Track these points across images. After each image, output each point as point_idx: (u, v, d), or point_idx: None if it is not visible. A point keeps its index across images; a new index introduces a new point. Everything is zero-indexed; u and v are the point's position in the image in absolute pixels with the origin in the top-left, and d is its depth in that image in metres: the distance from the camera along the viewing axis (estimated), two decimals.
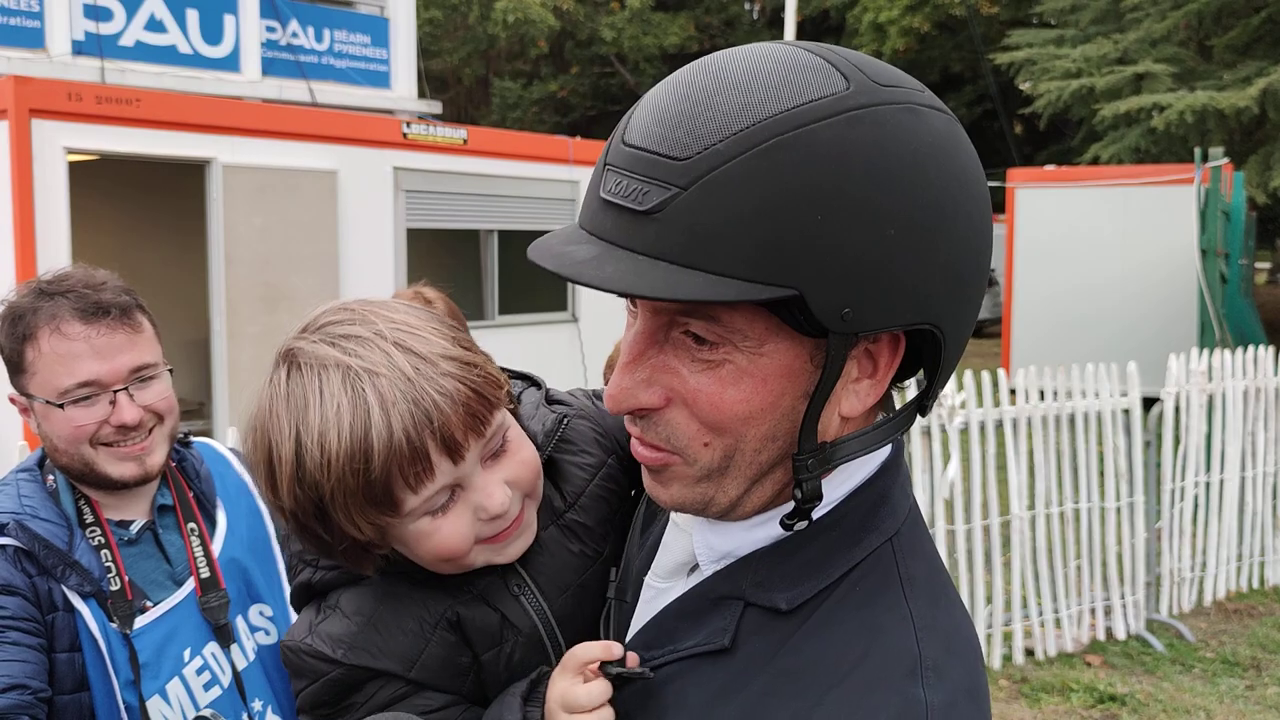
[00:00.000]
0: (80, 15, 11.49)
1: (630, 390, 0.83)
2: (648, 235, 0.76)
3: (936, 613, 0.85)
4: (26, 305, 1.58)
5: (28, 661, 1.44)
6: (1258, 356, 6.29)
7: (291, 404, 0.92)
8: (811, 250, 0.74)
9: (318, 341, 0.94)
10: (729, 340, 0.80)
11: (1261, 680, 5.17)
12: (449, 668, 1.00)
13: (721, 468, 0.84)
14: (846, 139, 0.74)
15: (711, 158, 0.74)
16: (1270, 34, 16.89)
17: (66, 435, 1.58)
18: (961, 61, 26.65)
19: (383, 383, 0.90)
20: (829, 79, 0.77)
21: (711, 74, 0.78)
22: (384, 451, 0.89)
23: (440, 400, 0.91)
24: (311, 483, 0.91)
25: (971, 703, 0.82)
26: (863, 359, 0.83)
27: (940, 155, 0.78)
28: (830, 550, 0.86)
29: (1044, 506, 5.40)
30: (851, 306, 0.76)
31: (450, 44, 29.35)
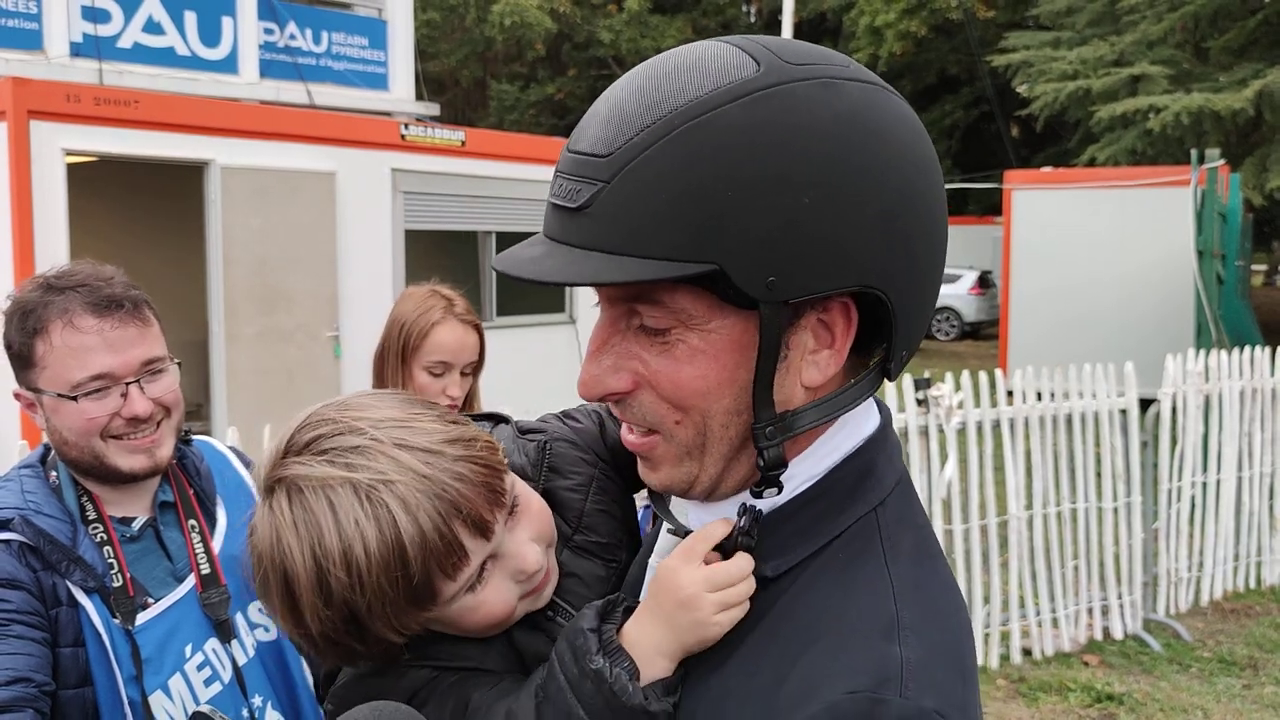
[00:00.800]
0: (78, 17, 11.49)
1: (598, 377, 0.88)
2: (582, 230, 0.83)
3: (919, 578, 0.88)
4: (36, 300, 1.59)
5: (32, 655, 1.44)
6: (1254, 357, 6.30)
7: (302, 530, 0.90)
8: (726, 225, 0.78)
9: (311, 462, 0.91)
10: (679, 321, 0.84)
11: (1258, 679, 5.18)
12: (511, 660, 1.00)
13: (699, 444, 0.88)
14: (754, 116, 0.79)
15: (629, 150, 0.80)
16: (1266, 36, 16.93)
17: (78, 428, 1.58)
18: (958, 64, 26.69)
19: (400, 489, 0.90)
20: (740, 64, 0.81)
21: (637, 75, 0.85)
22: (419, 552, 0.89)
23: (461, 487, 0.92)
24: (341, 602, 0.90)
25: (948, 661, 0.83)
26: (818, 329, 0.86)
27: (858, 122, 0.81)
28: (816, 520, 0.89)
29: (1041, 506, 5.41)
30: (776, 275, 0.80)
31: (448, 46, 29.36)
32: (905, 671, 0.79)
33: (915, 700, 0.78)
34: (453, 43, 29.42)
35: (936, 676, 0.81)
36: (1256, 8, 16.87)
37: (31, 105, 6.79)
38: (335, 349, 8.39)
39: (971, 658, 0.87)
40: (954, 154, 27.88)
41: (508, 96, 30.24)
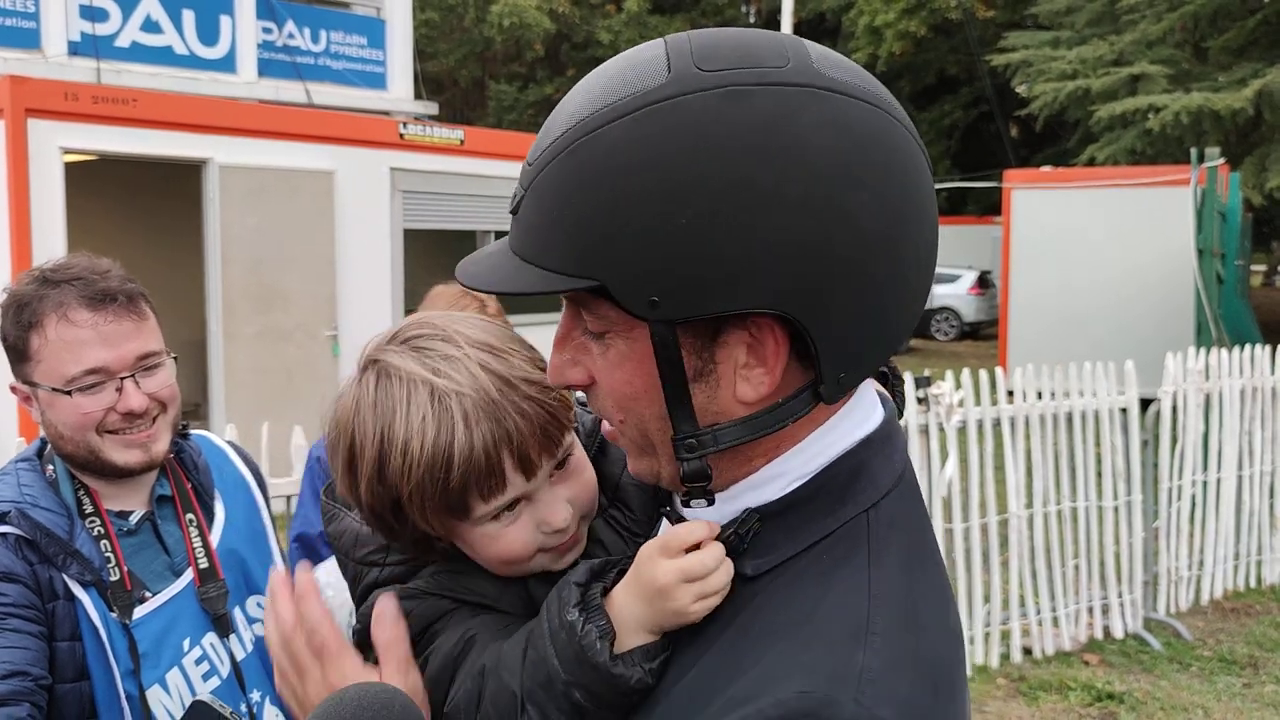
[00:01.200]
0: (76, 16, 11.48)
1: (559, 368, 0.91)
2: (513, 234, 0.86)
3: (904, 584, 0.85)
4: (31, 293, 1.57)
5: (28, 649, 1.44)
6: (1254, 356, 6.30)
7: (379, 410, 0.99)
8: (605, 243, 0.79)
9: (405, 354, 1.00)
10: (609, 326, 0.85)
11: (1259, 678, 5.18)
12: (528, 605, 1.03)
13: (647, 444, 0.89)
14: (639, 133, 0.78)
15: (540, 161, 0.83)
16: (1266, 36, 16.94)
17: (73, 423, 1.57)
18: (958, 64, 26.70)
19: (468, 402, 0.97)
20: (652, 74, 0.79)
21: (583, 81, 0.86)
22: (463, 464, 0.96)
23: (520, 421, 0.98)
24: (391, 483, 0.98)
25: (916, 671, 0.79)
26: (752, 345, 0.83)
27: (755, 138, 0.76)
28: (805, 520, 0.87)
29: (1042, 505, 5.41)
30: (658, 294, 0.79)
31: (446, 46, 29.36)
32: (864, 677, 0.76)
33: (869, 708, 0.75)
34: (451, 43, 29.42)
35: (899, 686, 0.77)
36: (1256, 7, 16.88)
37: (29, 104, 6.78)
38: (334, 348, 8.38)
39: (953, 670, 0.83)
40: (953, 154, 27.89)
41: (506, 97, 30.24)
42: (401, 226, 9.01)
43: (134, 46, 12.00)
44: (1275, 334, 11.02)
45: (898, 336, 0.88)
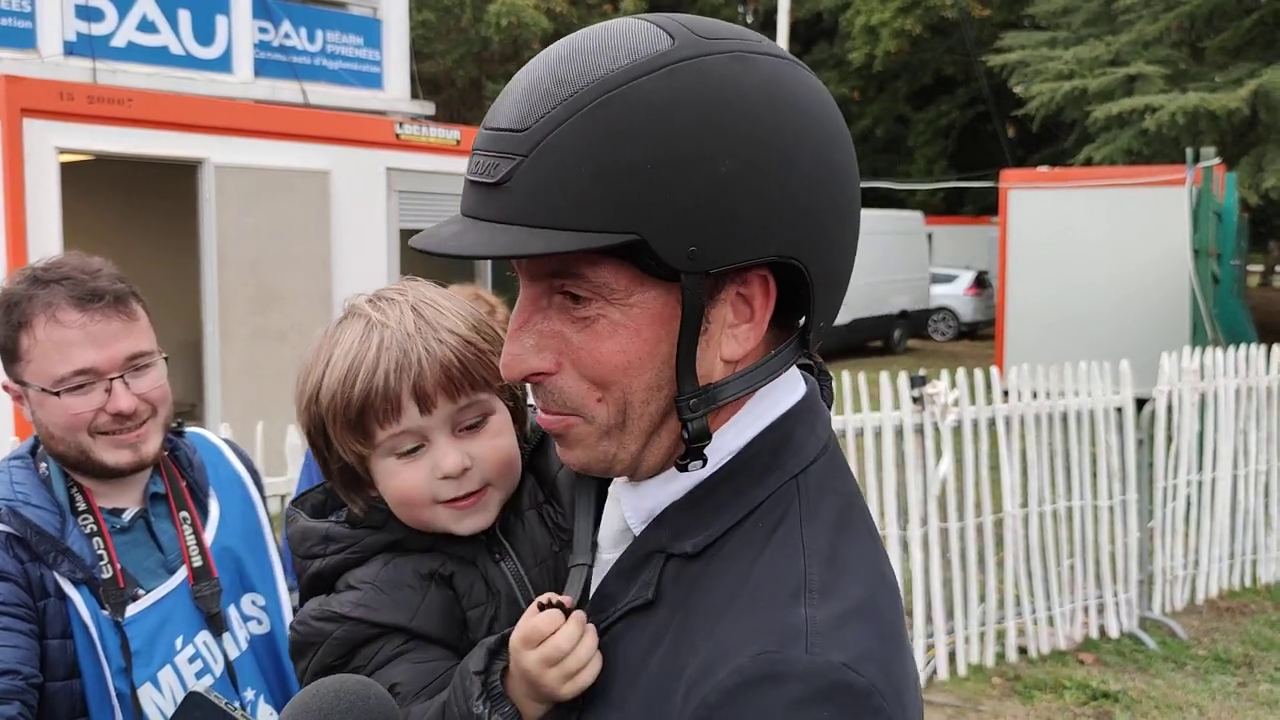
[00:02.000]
0: (72, 16, 11.47)
1: (520, 356, 0.89)
2: (500, 204, 0.83)
3: (836, 542, 0.87)
4: (21, 292, 1.56)
5: (19, 647, 1.43)
6: (1249, 355, 6.30)
7: (328, 342, 1.12)
8: (646, 195, 0.79)
9: (366, 301, 1.13)
10: (600, 295, 0.85)
11: (1254, 677, 5.19)
12: (447, 619, 1.08)
13: (619, 423, 0.89)
14: (668, 88, 0.80)
15: (546, 124, 0.81)
16: (1262, 36, 16.96)
17: (63, 424, 1.56)
18: (954, 64, 26.71)
19: (387, 333, 1.08)
20: (654, 39, 0.83)
21: (551, 52, 0.86)
22: (365, 384, 1.07)
23: (425, 356, 1.07)
24: (320, 405, 1.10)
25: (861, 619, 0.82)
26: (737, 303, 0.87)
27: (769, 95, 0.83)
28: (735, 494, 0.90)
29: (1037, 505, 5.41)
30: (696, 244, 0.81)
31: (443, 46, 29.33)
32: (810, 630, 0.79)
33: (822, 655, 0.78)
34: (448, 43, 29.40)
35: (847, 635, 0.80)
36: (1252, 7, 16.90)
37: (25, 103, 6.77)
38: None
39: (893, 616, 0.86)
40: (950, 154, 27.89)
41: None
42: (398, 226, 8.99)
43: (130, 46, 11.99)
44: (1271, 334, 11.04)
45: (847, 286, 0.94)
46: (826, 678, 0.77)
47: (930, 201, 27.00)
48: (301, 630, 1.09)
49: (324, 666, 1.07)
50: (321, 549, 1.13)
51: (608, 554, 0.99)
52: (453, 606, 1.08)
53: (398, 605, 1.07)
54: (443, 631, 1.07)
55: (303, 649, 1.09)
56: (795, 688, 0.77)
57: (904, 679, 0.82)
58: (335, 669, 1.05)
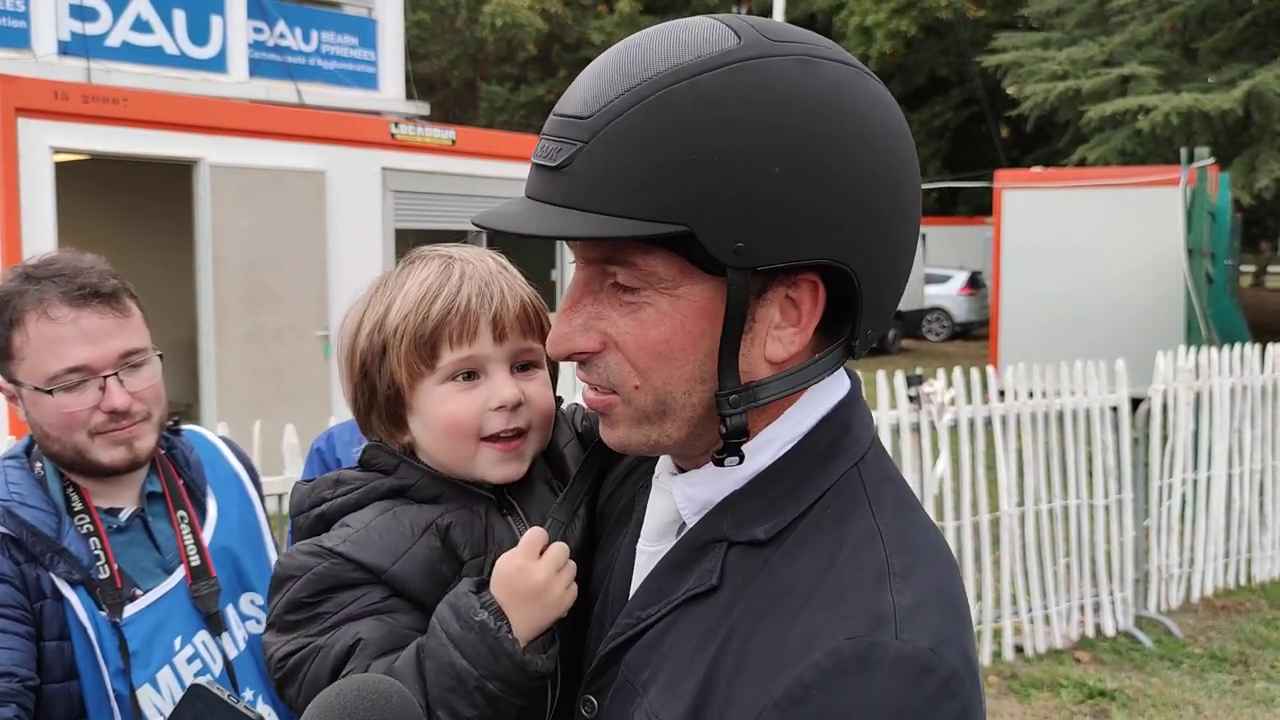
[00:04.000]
0: (66, 15, 11.44)
1: (568, 335, 0.91)
2: (561, 187, 0.86)
3: (904, 527, 0.90)
4: (13, 290, 1.54)
5: (15, 649, 1.42)
6: (1244, 354, 6.32)
7: (399, 279, 1.17)
8: (697, 189, 0.81)
9: (434, 251, 1.19)
10: (648, 284, 0.87)
11: (1249, 675, 5.19)
12: (429, 573, 1.09)
13: (657, 411, 0.90)
14: (729, 85, 0.81)
15: (609, 113, 0.83)
16: (1255, 37, 17.00)
17: (57, 423, 1.54)
18: (948, 65, 26.73)
19: (469, 267, 1.15)
20: (721, 37, 0.84)
21: (622, 45, 0.88)
22: (446, 303, 1.12)
23: (507, 294, 1.15)
24: (386, 327, 1.14)
25: (940, 603, 0.85)
26: (785, 306, 0.88)
27: (832, 98, 0.84)
28: (800, 481, 0.92)
29: (1033, 503, 5.41)
30: (745, 241, 0.82)
31: (438, 47, 29.31)
32: (899, 615, 0.82)
33: (911, 641, 0.81)
34: (443, 43, 29.37)
35: (930, 618, 0.83)
36: (1245, 8, 16.94)
37: (19, 103, 6.75)
38: (325, 348, 8.35)
39: (963, 599, 0.89)
40: (944, 154, 27.92)
41: (497, 98, 30.18)
42: (393, 226, 8.98)
43: (124, 46, 11.96)
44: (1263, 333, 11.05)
45: (902, 295, 0.95)
46: (917, 662, 0.80)
47: (924, 202, 26.95)
48: (284, 563, 1.10)
49: (294, 602, 1.07)
50: (330, 492, 1.16)
51: (653, 546, 1.00)
52: (440, 562, 1.09)
53: (384, 548, 1.08)
54: (421, 583, 1.08)
55: (280, 582, 1.10)
56: (888, 672, 0.80)
57: (974, 656, 0.86)
58: (306, 605, 1.07)
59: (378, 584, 1.07)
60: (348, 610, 1.06)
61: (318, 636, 1.06)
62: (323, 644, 1.05)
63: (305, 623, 1.07)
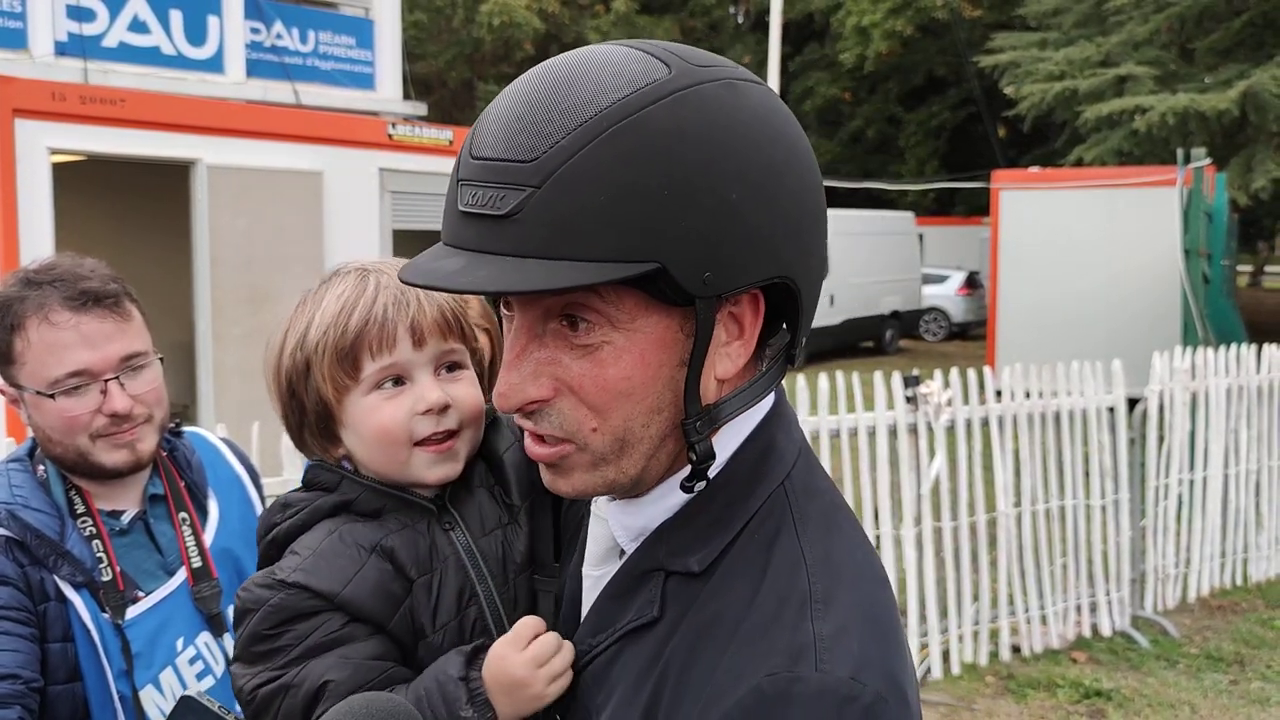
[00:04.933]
0: (63, 16, 11.42)
1: (518, 386, 0.88)
2: (511, 237, 0.81)
3: (830, 546, 0.90)
4: (14, 294, 1.55)
5: (19, 651, 1.42)
6: (1240, 355, 6.33)
7: (318, 295, 1.19)
8: (665, 224, 0.80)
9: (352, 265, 1.21)
10: (605, 319, 0.85)
11: (1245, 675, 5.21)
12: (381, 594, 1.10)
13: (615, 450, 0.89)
14: (677, 117, 0.81)
15: (558, 154, 0.80)
16: (1251, 37, 17.02)
17: (59, 426, 1.55)
18: (945, 65, 26.75)
19: (383, 278, 1.17)
20: (651, 67, 0.83)
21: (544, 79, 0.84)
22: (363, 315, 1.14)
23: (423, 298, 1.16)
24: (307, 345, 1.17)
25: (863, 627, 0.85)
26: (728, 323, 0.89)
27: (762, 122, 0.86)
28: (728, 506, 0.91)
29: (1030, 504, 5.43)
30: (711, 270, 0.82)
31: (435, 47, 29.29)
32: (819, 645, 0.82)
33: (831, 671, 0.80)
34: (440, 44, 29.35)
35: (851, 645, 0.83)
36: (1241, 9, 16.96)
37: (16, 104, 6.74)
38: None
39: (890, 618, 0.88)
40: (941, 155, 27.94)
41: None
42: (391, 227, 8.97)
43: (121, 46, 11.94)
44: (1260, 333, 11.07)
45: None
46: (838, 694, 0.80)
47: (921, 202, 27.04)
48: (243, 596, 1.12)
49: (256, 635, 1.09)
50: (280, 516, 1.18)
51: (596, 571, 1.00)
52: (389, 581, 1.11)
53: (334, 573, 1.09)
54: (375, 605, 1.09)
55: (241, 615, 1.12)
56: (810, 705, 0.80)
57: (905, 678, 0.85)
58: (268, 638, 1.08)
59: (333, 610, 1.08)
60: (308, 642, 1.07)
61: (284, 670, 1.07)
62: (291, 682, 1.06)
63: (269, 655, 1.08)
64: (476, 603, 1.12)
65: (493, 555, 1.15)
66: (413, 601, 1.11)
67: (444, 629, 1.11)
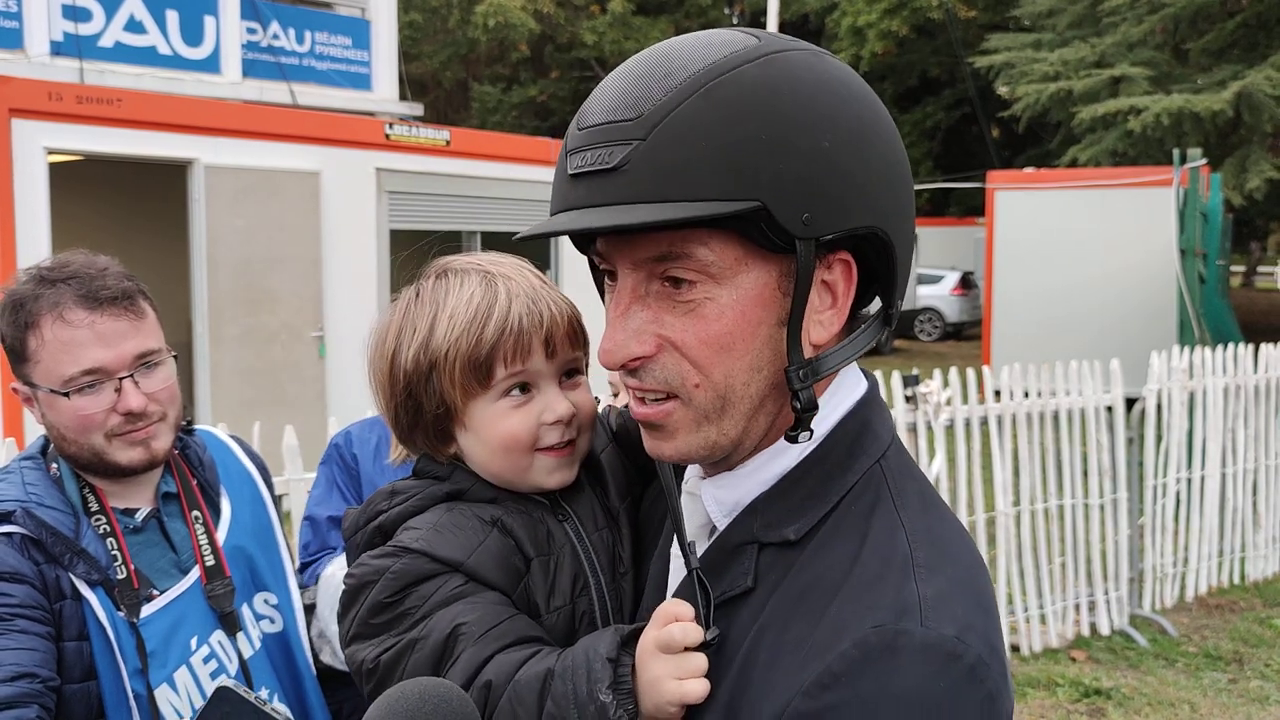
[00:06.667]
0: (59, 15, 11.40)
1: (623, 342, 0.91)
2: (620, 186, 0.86)
3: (929, 521, 0.92)
4: (28, 292, 1.55)
5: (36, 650, 1.42)
6: (1237, 354, 6.35)
7: (435, 294, 1.16)
8: (763, 167, 0.85)
9: (466, 264, 1.18)
10: (706, 275, 0.88)
11: (1244, 674, 5.22)
12: (504, 564, 1.09)
13: (717, 408, 0.92)
14: (769, 73, 0.87)
15: (660, 109, 0.86)
16: (1245, 38, 17.08)
17: (74, 425, 1.55)
18: (940, 65, 26.80)
19: (513, 285, 1.15)
20: (744, 39, 0.90)
21: (642, 57, 0.91)
22: (500, 323, 1.12)
23: (554, 309, 1.15)
24: (433, 348, 1.13)
25: (964, 595, 0.87)
26: (821, 290, 0.92)
27: (849, 82, 0.91)
28: (825, 480, 0.94)
29: (1029, 503, 5.44)
30: (810, 211, 0.86)
31: (430, 48, 29.27)
32: (924, 605, 0.84)
33: (936, 629, 0.83)
34: (435, 44, 29.33)
35: (954, 609, 0.85)
36: (1235, 10, 17.02)
37: (13, 104, 6.73)
38: (320, 349, 8.35)
39: (988, 593, 0.90)
40: (935, 155, 27.98)
41: (490, 98, 30.15)
42: (388, 227, 8.97)
43: (117, 46, 11.92)
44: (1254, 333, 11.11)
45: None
46: (941, 649, 0.82)
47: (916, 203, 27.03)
48: (357, 572, 1.09)
49: (377, 604, 1.05)
50: (386, 504, 1.16)
51: None
52: (511, 554, 1.10)
53: (457, 544, 1.08)
54: (498, 576, 1.08)
55: (356, 592, 1.08)
56: (914, 658, 0.81)
57: (1001, 647, 0.88)
58: (389, 605, 1.05)
59: (457, 573, 1.07)
60: (433, 599, 1.05)
61: (408, 631, 1.04)
62: (418, 635, 1.03)
63: (392, 623, 1.05)
64: (588, 593, 1.11)
65: (603, 550, 1.15)
66: (530, 579, 1.10)
67: (558, 611, 1.10)
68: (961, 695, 0.81)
